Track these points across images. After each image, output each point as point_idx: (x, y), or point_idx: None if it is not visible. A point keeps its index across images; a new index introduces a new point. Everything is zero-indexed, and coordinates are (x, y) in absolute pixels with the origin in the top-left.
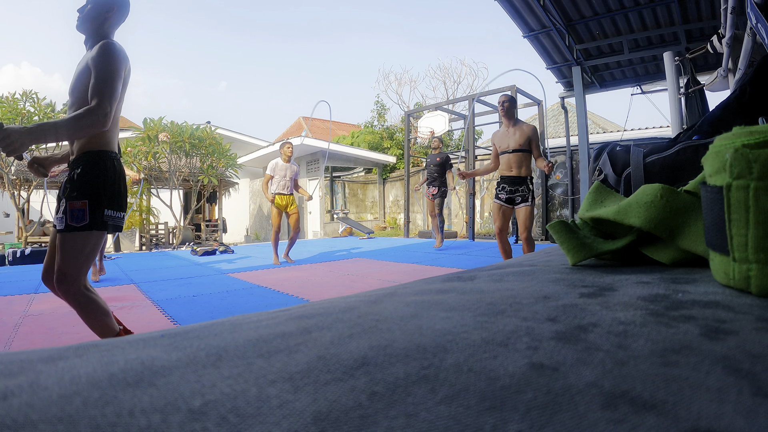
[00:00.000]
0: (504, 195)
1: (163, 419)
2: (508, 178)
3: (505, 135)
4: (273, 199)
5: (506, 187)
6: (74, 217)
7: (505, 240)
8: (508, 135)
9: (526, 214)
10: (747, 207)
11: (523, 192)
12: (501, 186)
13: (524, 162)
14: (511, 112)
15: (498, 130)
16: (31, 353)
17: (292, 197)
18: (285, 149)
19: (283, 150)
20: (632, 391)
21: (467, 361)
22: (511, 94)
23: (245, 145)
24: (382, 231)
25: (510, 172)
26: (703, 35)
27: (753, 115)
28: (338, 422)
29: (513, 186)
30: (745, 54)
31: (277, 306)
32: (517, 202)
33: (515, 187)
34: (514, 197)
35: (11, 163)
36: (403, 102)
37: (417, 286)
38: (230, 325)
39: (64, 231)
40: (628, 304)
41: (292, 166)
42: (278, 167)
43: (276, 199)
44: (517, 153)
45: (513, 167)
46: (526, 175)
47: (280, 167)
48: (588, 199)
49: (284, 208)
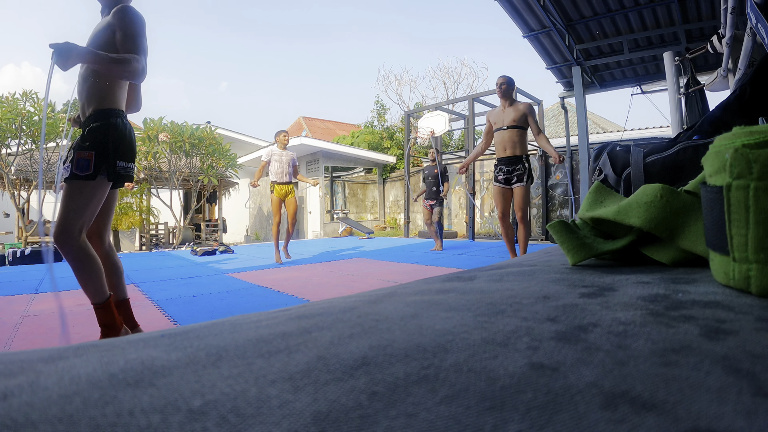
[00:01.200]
0: (502, 176)
1: (163, 419)
2: (505, 159)
3: (500, 113)
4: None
5: (503, 168)
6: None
7: (508, 224)
8: (504, 113)
9: (521, 193)
10: (747, 207)
11: (519, 171)
12: (498, 168)
13: (519, 139)
14: (508, 93)
15: (494, 109)
16: (31, 353)
17: (291, 186)
18: (280, 137)
19: (279, 138)
20: (632, 391)
21: (467, 361)
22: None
23: (245, 145)
24: (382, 231)
25: (505, 152)
26: (703, 35)
27: (753, 115)
28: (338, 422)
29: (509, 166)
30: (745, 54)
31: (277, 306)
32: (512, 181)
33: (511, 166)
34: (511, 177)
35: (11, 163)
36: (403, 102)
37: (417, 286)
38: (230, 325)
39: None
40: (628, 304)
41: (289, 153)
42: (275, 154)
43: (275, 189)
44: (511, 129)
45: (507, 146)
46: (522, 153)
47: (277, 154)
48: (588, 199)
49: (284, 197)
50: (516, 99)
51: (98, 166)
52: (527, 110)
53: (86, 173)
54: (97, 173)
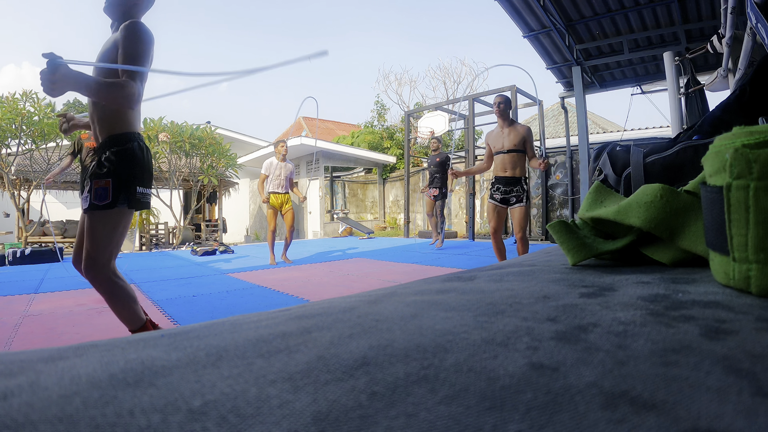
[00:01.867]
0: (498, 195)
1: (163, 419)
2: (503, 179)
3: (499, 135)
4: (267, 199)
5: (501, 187)
6: (98, 196)
7: (499, 240)
8: (503, 135)
9: (521, 214)
10: (747, 207)
11: (518, 192)
12: (495, 186)
13: (519, 162)
14: (506, 113)
15: (492, 130)
16: (31, 353)
17: (287, 196)
18: (279, 148)
19: (277, 149)
20: (632, 391)
21: (467, 361)
22: (511, 93)
23: (245, 145)
24: (382, 231)
25: (504, 173)
26: (703, 35)
27: (753, 115)
28: (338, 422)
29: (507, 186)
30: (745, 54)
31: (277, 306)
32: (512, 202)
33: (510, 187)
34: (508, 197)
35: (11, 163)
36: (403, 102)
37: (417, 286)
38: (230, 325)
39: (89, 210)
40: (628, 304)
41: (288, 165)
42: (273, 166)
43: (271, 198)
44: (511, 153)
45: (507, 168)
46: (521, 175)
47: (275, 166)
48: (588, 199)
49: (279, 207)
50: (513, 119)
51: (116, 194)
52: (526, 134)
53: (105, 202)
54: (116, 202)
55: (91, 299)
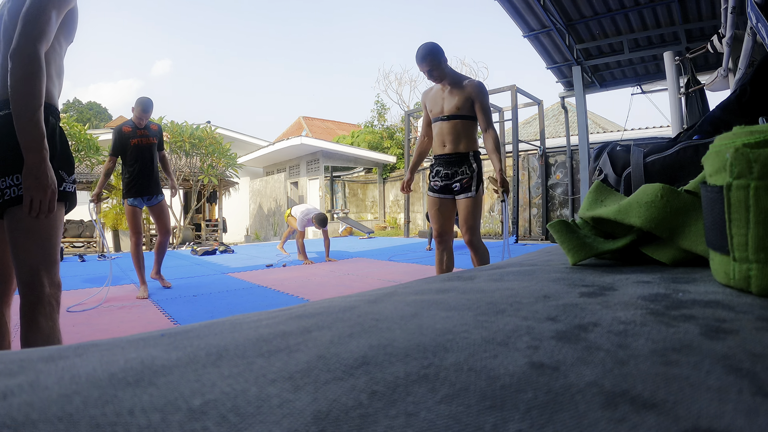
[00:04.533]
0: (439, 182)
1: (163, 418)
2: (443, 158)
3: (438, 94)
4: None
5: (440, 170)
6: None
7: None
8: (443, 95)
9: (468, 208)
10: (747, 207)
11: (462, 175)
12: (435, 170)
13: (463, 133)
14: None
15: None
16: (31, 353)
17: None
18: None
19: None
20: (632, 391)
21: (467, 360)
22: (511, 93)
23: (245, 145)
24: (382, 231)
25: (443, 148)
26: (703, 35)
27: (753, 115)
28: (338, 421)
29: (449, 168)
30: (745, 54)
31: (277, 306)
32: (455, 189)
33: (452, 169)
34: (451, 184)
35: None
36: (403, 102)
37: (417, 285)
38: (230, 325)
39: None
40: (629, 304)
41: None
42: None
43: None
44: (453, 120)
45: (447, 141)
46: (467, 150)
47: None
48: (588, 198)
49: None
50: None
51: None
52: (475, 92)
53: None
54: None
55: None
